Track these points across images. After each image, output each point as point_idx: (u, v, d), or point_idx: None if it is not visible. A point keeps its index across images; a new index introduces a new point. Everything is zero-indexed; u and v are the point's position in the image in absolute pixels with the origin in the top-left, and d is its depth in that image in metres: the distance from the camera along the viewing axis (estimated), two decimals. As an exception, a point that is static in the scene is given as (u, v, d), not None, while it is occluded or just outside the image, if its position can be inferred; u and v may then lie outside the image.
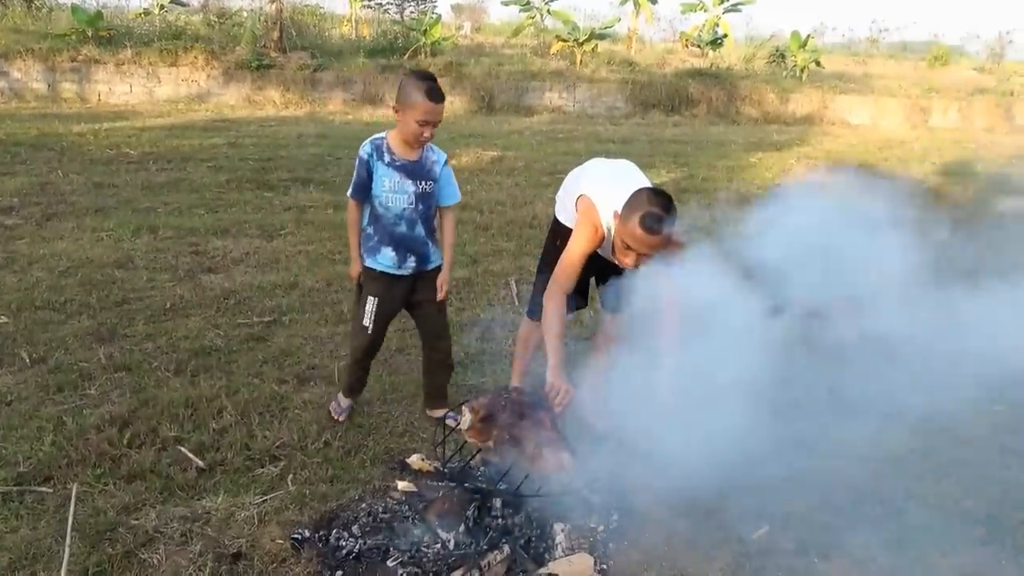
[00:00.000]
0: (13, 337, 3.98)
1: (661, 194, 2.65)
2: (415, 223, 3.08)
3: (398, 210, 3.04)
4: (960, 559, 2.58)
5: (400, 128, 2.97)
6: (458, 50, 17.19)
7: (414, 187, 3.03)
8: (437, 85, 2.89)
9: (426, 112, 2.86)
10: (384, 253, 3.08)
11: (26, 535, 2.50)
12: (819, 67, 17.14)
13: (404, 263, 3.10)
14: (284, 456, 3.05)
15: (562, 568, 2.41)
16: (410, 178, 3.02)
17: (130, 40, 14.04)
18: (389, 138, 3.03)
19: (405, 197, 3.03)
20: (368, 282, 3.14)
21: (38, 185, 7.09)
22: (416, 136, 2.92)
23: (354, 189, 3.06)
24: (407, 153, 3.02)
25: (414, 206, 3.05)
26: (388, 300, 3.16)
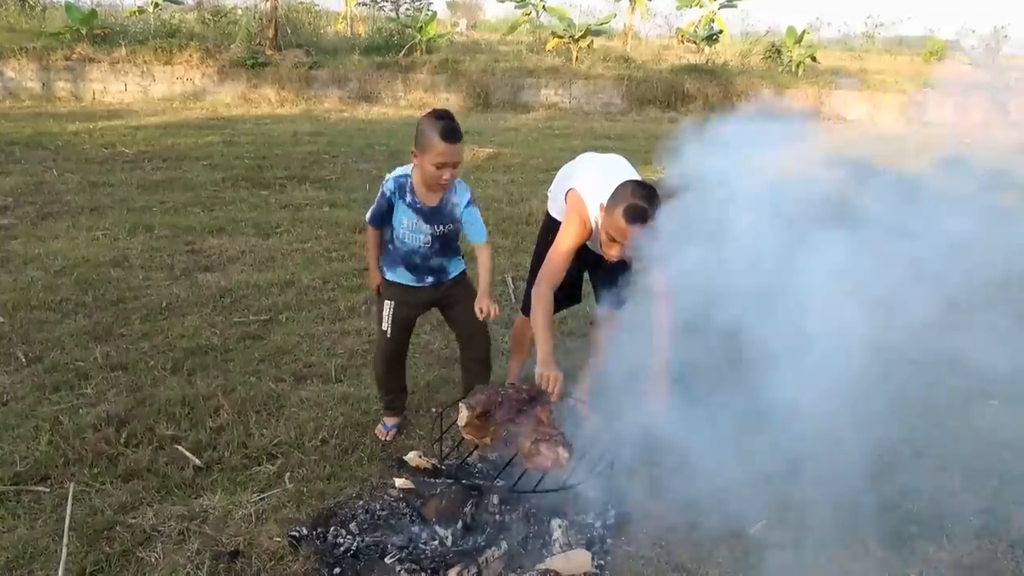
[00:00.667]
0: (9, 337, 3.97)
1: (645, 186, 2.67)
2: (430, 258, 3.03)
3: (414, 246, 2.99)
4: (956, 552, 2.59)
5: (420, 172, 2.85)
6: (454, 47, 17.17)
7: (431, 230, 2.96)
8: (454, 124, 2.76)
9: (442, 154, 2.73)
10: (401, 271, 3.05)
11: (23, 534, 2.50)
12: (815, 62, 17.14)
13: (422, 281, 3.07)
14: (281, 454, 3.05)
15: (560, 564, 2.42)
16: (428, 222, 2.94)
17: (124, 38, 14.00)
18: (414, 177, 2.91)
19: (421, 237, 2.97)
20: (385, 288, 3.11)
21: (33, 184, 7.07)
22: (436, 179, 2.80)
23: (372, 217, 3.00)
24: (428, 197, 2.92)
25: (430, 245, 3.00)
26: (406, 304, 3.11)
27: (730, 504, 2.75)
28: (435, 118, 2.76)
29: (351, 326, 4.33)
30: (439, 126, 2.72)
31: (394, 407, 3.29)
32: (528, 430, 2.51)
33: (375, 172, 8.38)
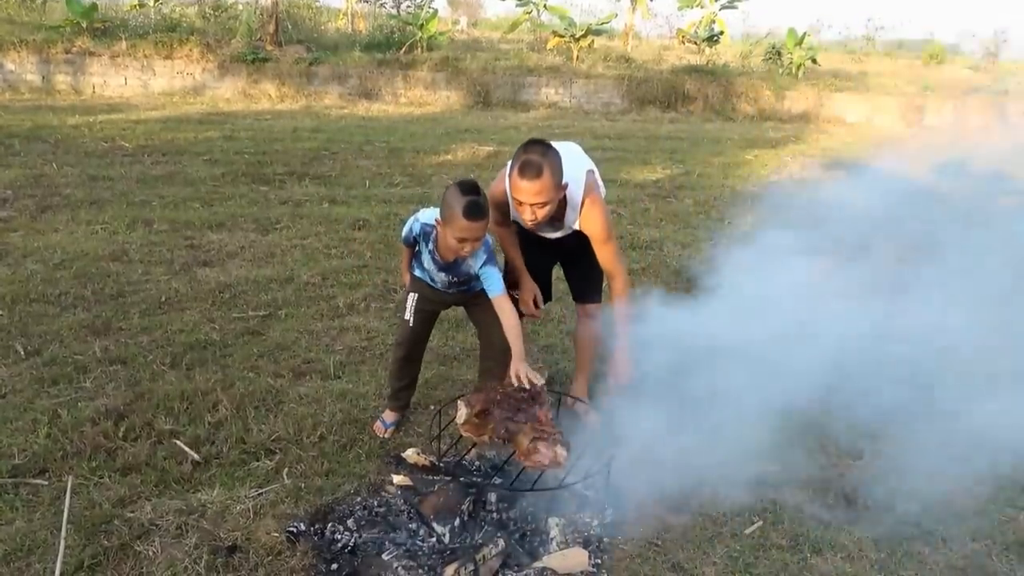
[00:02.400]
0: (8, 330, 3.97)
1: (539, 143, 2.72)
2: (453, 292, 3.09)
3: (436, 285, 3.05)
4: (950, 555, 2.61)
5: (442, 240, 2.82)
6: (454, 45, 17.17)
7: (448, 278, 3.01)
8: (479, 200, 2.65)
9: (464, 230, 2.66)
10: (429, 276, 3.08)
11: (21, 527, 2.50)
12: (815, 64, 17.15)
13: (448, 290, 3.08)
14: (279, 450, 3.06)
15: (557, 562, 2.43)
16: (447, 273, 2.99)
17: (125, 32, 13.96)
18: (439, 229, 2.84)
19: (439, 283, 3.04)
20: (412, 281, 3.13)
21: (32, 177, 7.06)
22: (456, 251, 2.79)
23: (404, 240, 3.03)
24: (446, 255, 2.92)
25: (448, 288, 3.05)
26: (430, 300, 3.11)
27: (727, 504, 2.76)
28: (461, 192, 2.65)
29: (350, 323, 4.34)
30: (464, 203, 2.62)
31: (399, 399, 3.29)
32: (527, 428, 2.52)
33: (375, 169, 8.38)
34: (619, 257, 3.08)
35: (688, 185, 8.43)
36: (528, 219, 2.77)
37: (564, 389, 3.51)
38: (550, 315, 4.48)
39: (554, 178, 2.68)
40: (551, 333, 4.33)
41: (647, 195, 7.81)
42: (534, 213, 2.73)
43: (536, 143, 2.71)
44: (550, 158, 2.67)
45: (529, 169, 2.63)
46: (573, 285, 3.41)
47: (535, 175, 2.63)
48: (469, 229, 2.66)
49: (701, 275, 4.04)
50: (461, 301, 3.19)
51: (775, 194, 7.70)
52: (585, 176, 2.92)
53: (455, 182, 2.73)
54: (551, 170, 2.65)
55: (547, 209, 2.74)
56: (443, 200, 2.71)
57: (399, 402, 3.30)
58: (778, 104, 15.45)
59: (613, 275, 3.07)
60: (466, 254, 2.79)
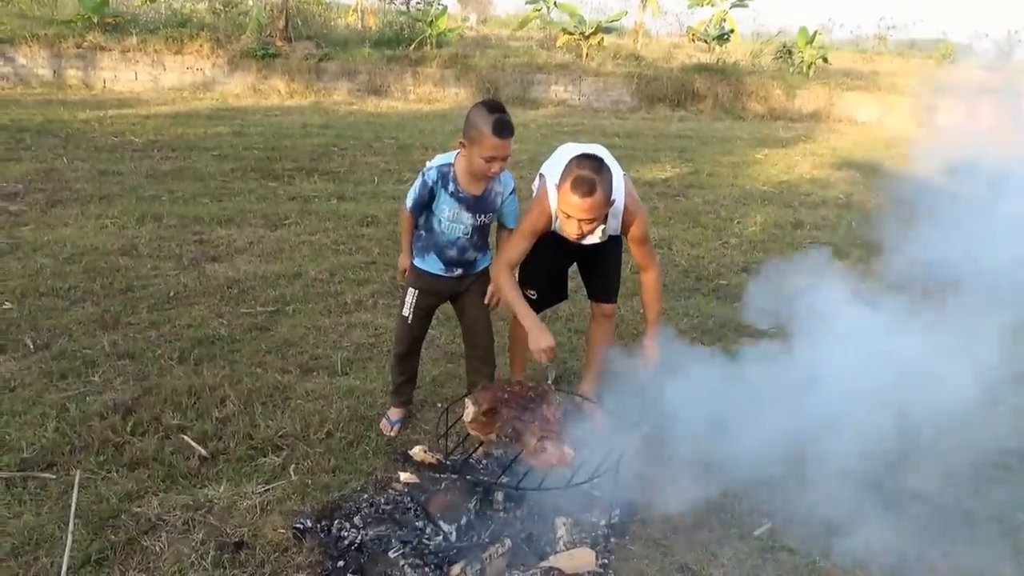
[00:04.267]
0: (17, 323, 3.98)
1: (591, 158, 2.68)
2: (467, 249, 3.02)
3: (453, 237, 2.97)
4: (961, 560, 2.58)
5: (468, 162, 2.80)
6: (464, 42, 17.13)
7: (473, 220, 2.94)
8: (507, 117, 2.70)
9: (494, 148, 2.68)
10: (431, 259, 3.03)
11: (29, 521, 2.51)
12: (826, 63, 17.04)
13: (450, 271, 3.06)
14: (286, 446, 3.06)
15: (563, 562, 2.42)
16: (470, 211, 2.92)
17: (135, 27, 13.99)
18: (456, 166, 2.86)
19: (462, 227, 2.95)
20: (411, 275, 3.10)
21: (43, 171, 7.09)
22: (484, 172, 2.77)
23: (413, 206, 2.94)
24: (472, 186, 2.88)
25: (469, 236, 2.98)
26: (429, 294, 3.11)
27: (734, 506, 2.75)
28: (488, 111, 2.69)
29: (357, 319, 4.33)
30: (491, 120, 2.65)
31: (401, 393, 3.28)
32: (534, 427, 2.51)
33: (383, 165, 8.38)
34: (654, 253, 3.13)
35: (697, 184, 8.39)
36: (574, 233, 2.75)
37: (572, 388, 3.49)
38: (558, 313, 4.47)
39: (605, 195, 2.66)
40: (559, 331, 4.32)
41: (656, 193, 7.78)
42: (580, 228, 2.71)
43: (589, 158, 2.67)
44: (603, 175, 2.64)
45: (582, 185, 2.60)
46: (591, 284, 3.38)
47: (588, 192, 2.61)
48: (499, 147, 2.68)
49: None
50: (457, 289, 3.14)
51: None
52: (624, 183, 2.92)
53: (478, 102, 2.76)
54: (603, 187, 2.64)
55: (594, 225, 2.73)
56: (468, 120, 2.72)
57: (401, 397, 3.29)
58: (788, 103, 15.36)
59: (647, 267, 3.09)
60: (494, 174, 2.79)
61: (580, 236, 2.76)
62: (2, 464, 2.81)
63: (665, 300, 4.86)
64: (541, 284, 3.29)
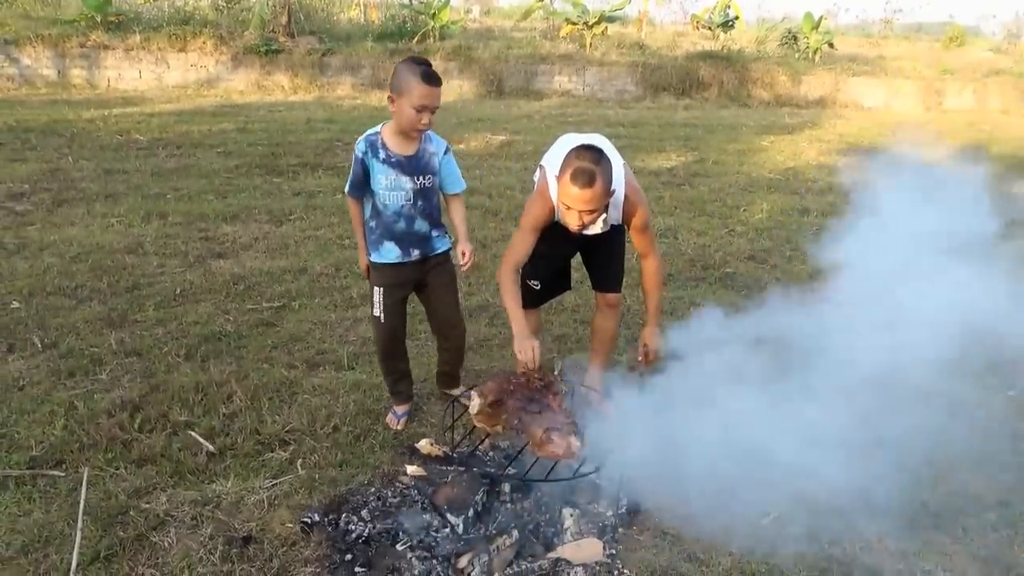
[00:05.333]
0: (25, 322, 4.00)
1: (590, 148, 2.67)
2: (414, 219, 2.97)
3: (396, 207, 2.92)
4: (972, 545, 2.57)
5: (396, 118, 2.81)
6: (467, 33, 17.07)
7: (411, 183, 2.91)
8: (432, 68, 2.76)
9: (423, 96, 2.71)
10: (387, 247, 2.99)
11: (39, 518, 2.52)
12: (832, 49, 16.92)
13: (407, 255, 3.02)
14: (294, 441, 3.06)
15: (571, 552, 2.42)
16: (407, 174, 2.89)
17: (139, 25, 14.00)
18: (384, 133, 2.89)
19: (403, 194, 2.91)
20: (373, 273, 3.07)
21: (48, 171, 7.11)
22: (413, 124, 2.76)
23: (351, 187, 2.95)
24: (403, 148, 2.89)
25: (412, 203, 2.94)
26: (396, 286, 3.08)
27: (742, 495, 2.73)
28: (414, 63, 2.75)
29: (363, 313, 4.33)
30: (419, 70, 2.71)
31: (399, 391, 3.27)
32: (540, 419, 2.51)
33: (388, 159, 8.36)
34: (655, 241, 3.13)
35: (703, 172, 8.35)
36: (575, 224, 2.74)
37: (578, 379, 3.49)
38: (563, 304, 4.46)
39: (605, 186, 2.66)
40: (565, 323, 4.31)
41: (661, 183, 7.74)
42: (581, 219, 2.71)
43: (588, 149, 2.66)
44: (603, 166, 2.64)
45: (582, 176, 2.60)
46: (595, 274, 3.37)
47: (587, 183, 2.60)
48: (428, 95, 2.72)
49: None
50: (420, 277, 3.11)
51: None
52: (624, 172, 2.90)
53: (403, 59, 2.82)
54: (603, 178, 2.63)
55: (595, 215, 2.73)
56: (395, 74, 2.77)
57: (401, 395, 3.29)
58: (794, 89, 15.26)
59: (647, 255, 3.08)
60: (424, 126, 2.79)
61: (581, 227, 2.75)
62: (12, 462, 2.82)
63: (671, 289, 4.85)
64: (544, 275, 3.29)
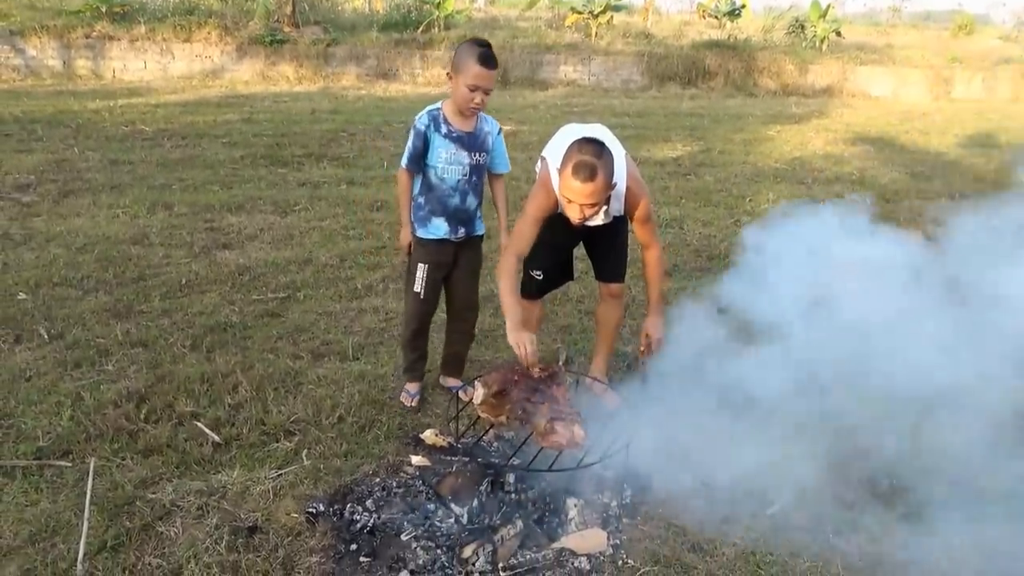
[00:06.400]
0: (31, 313, 4.02)
1: (592, 142, 2.66)
2: (467, 194, 3.08)
3: (453, 182, 3.03)
4: (977, 536, 2.56)
5: (453, 95, 2.95)
6: (472, 23, 17.02)
7: (469, 159, 3.02)
8: (492, 52, 2.86)
9: (477, 77, 2.83)
10: (436, 223, 3.08)
11: (46, 508, 2.54)
12: (839, 37, 16.81)
13: (455, 233, 3.11)
14: (299, 431, 3.07)
15: (575, 543, 2.42)
16: (466, 149, 3.01)
17: (144, 16, 14.01)
18: (444, 108, 3.01)
19: (460, 168, 3.02)
20: (417, 250, 3.14)
21: (54, 162, 7.13)
22: (467, 101, 2.88)
23: (409, 160, 3.03)
24: (462, 124, 3.00)
25: (467, 177, 3.05)
26: (438, 266, 3.16)
27: (746, 486, 2.73)
28: (475, 44, 2.86)
29: (368, 304, 4.34)
30: (477, 52, 2.82)
31: (417, 369, 3.35)
32: (544, 409, 2.51)
33: (393, 150, 8.36)
34: (656, 231, 3.12)
35: (709, 162, 8.31)
36: (577, 217, 2.74)
37: (583, 369, 3.49)
38: (568, 295, 4.46)
39: (607, 179, 2.65)
40: (570, 313, 4.31)
41: (667, 173, 7.72)
42: (583, 212, 2.70)
43: (590, 142, 2.65)
44: (604, 159, 2.63)
45: (583, 170, 2.59)
46: (598, 264, 3.36)
47: (588, 177, 2.59)
48: (482, 76, 2.84)
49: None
50: (457, 254, 3.18)
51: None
52: (625, 163, 2.89)
53: (467, 40, 2.95)
54: (604, 172, 2.62)
55: (596, 209, 2.73)
56: (456, 54, 2.91)
57: (417, 373, 3.36)
58: (801, 79, 15.18)
59: (649, 246, 3.08)
60: (476, 105, 2.89)
61: (583, 219, 2.75)
62: (19, 452, 2.84)
63: (676, 280, 4.83)
64: (547, 266, 3.28)
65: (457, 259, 3.20)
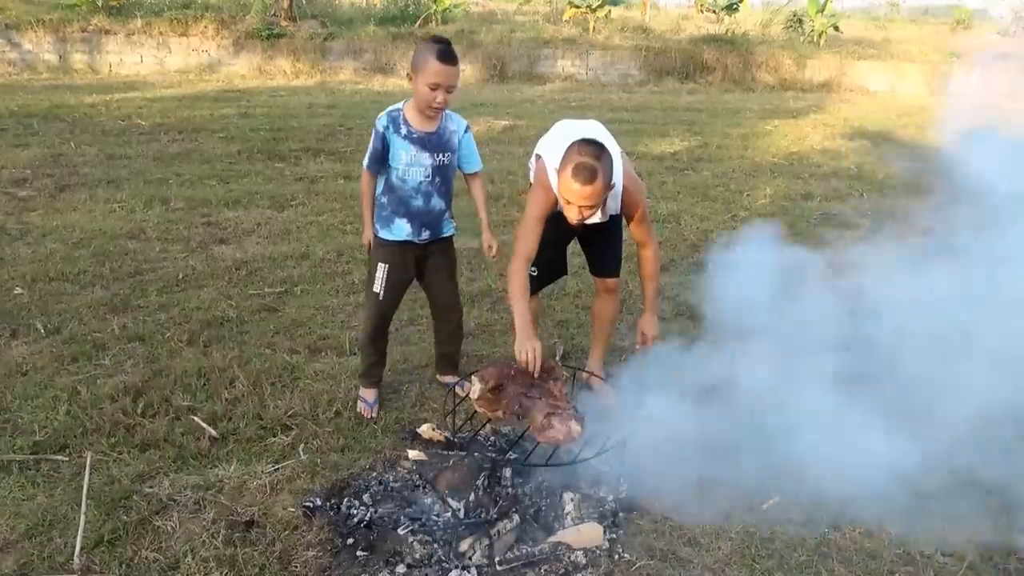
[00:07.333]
0: (28, 308, 4.01)
1: (591, 143, 2.65)
2: (431, 196, 2.99)
3: (415, 183, 2.95)
4: (972, 531, 2.57)
5: (414, 96, 2.86)
6: (469, 17, 16.97)
7: (431, 160, 2.93)
8: (450, 48, 2.76)
9: (437, 74, 2.73)
10: (398, 224, 3.00)
11: (43, 502, 2.54)
12: (837, 32, 16.78)
13: (419, 235, 3.03)
14: (296, 425, 3.07)
15: (571, 537, 2.42)
16: (427, 151, 2.92)
17: (140, 10, 13.95)
18: (406, 109, 2.92)
19: (422, 170, 2.93)
20: (378, 250, 3.07)
21: (51, 157, 7.11)
22: (428, 101, 2.79)
23: (370, 161, 2.96)
24: (424, 124, 2.91)
25: (430, 179, 2.96)
26: (399, 266, 3.08)
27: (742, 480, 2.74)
28: (433, 42, 2.76)
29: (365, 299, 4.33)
30: (435, 48, 2.72)
31: (374, 374, 3.25)
32: (541, 404, 2.51)
33: (390, 144, 8.34)
34: (652, 230, 3.12)
35: (706, 157, 8.31)
36: (575, 218, 2.73)
37: (579, 364, 3.49)
38: (565, 290, 4.46)
39: (606, 181, 2.64)
40: (566, 308, 4.31)
41: (664, 168, 7.71)
42: (581, 213, 2.70)
43: (589, 143, 2.64)
44: (603, 161, 2.62)
45: (583, 172, 2.58)
46: (593, 259, 3.36)
47: (588, 179, 2.58)
48: (442, 73, 2.74)
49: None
50: (424, 257, 3.11)
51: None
52: (622, 163, 2.89)
53: (425, 38, 2.85)
54: (604, 174, 2.61)
55: (594, 210, 2.72)
56: (414, 55, 2.80)
57: (373, 378, 3.26)
58: (799, 73, 15.15)
59: (645, 244, 3.08)
60: (439, 104, 2.80)
61: (581, 220, 2.74)
62: (15, 447, 2.84)
63: (674, 275, 4.83)
64: (542, 261, 3.28)
65: (428, 262, 3.13)
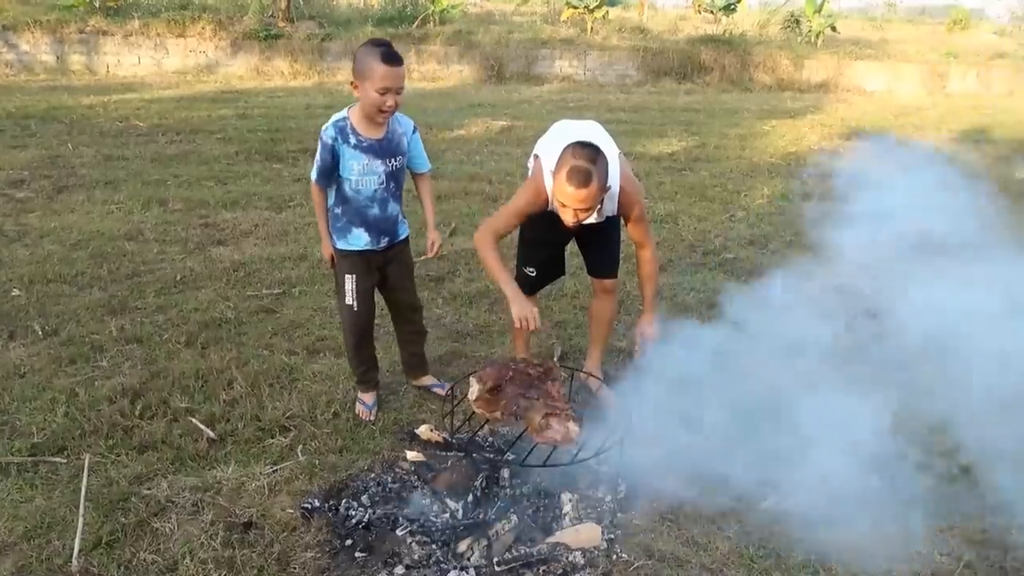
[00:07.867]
0: (26, 310, 4.01)
1: (587, 146, 2.65)
2: (387, 202, 2.94)
3: (370, 192, 2.88)
4: (969, 529, 2.58)
5: (361, 103, 2.77)
6: (467, 18, 16.96)
7: (384, 167, 2.87)
8: (393, 49, 2.71)
9: (385, 77, 2.65)
10: (356, 234, 2.95)
11: (41, 504, 2.54)
12: (835, 32, 16.80)
13: (378, 243, 2.99)
14: (294, 427, 3.07)
15: (570, 537, 2.43)
16: (379, 158, 2.85)
17: (137, 11, 13.94)
18: (352, 117, 2.82)
19: (376, 178, 2.87)
20: (341, 262, 3.01)
21: (48, 158, 7.10)
22: (377, 107, 2.71)
23: (319, 175, 2.86)
24: (372, 131, 2.83)
25: (385, 185, 2.90)
26: (365, 273, 3.03)
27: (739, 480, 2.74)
28: (373, 44, 2.71)
29: (363, 300, 4.33)
30: (379, 51, 2.67)
31: (369, 379, 3.24)
32: (539, 404, 2.52)
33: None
34: (650, 230, 3.13)
35: (704, 157, 8.31)
36: (571, 220, 2.73)
37: (577, 365, 3.49)
38: (563, 291, 4.46)
39: (601, 184, 2.65)
40: (564, 308, 4.31)
41: (662, 168, 7.72)
42: (576, 216, 2.70)
43: (585, 146, 2.64)
44: (599, 165, 2.62)
45: (578, 176, 2.58)
46: (590, 259, 3.36)
47: (583, 183, 2.58)
48: (390, 75, 2.67)
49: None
50: (384, 261, 3.07)
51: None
52: (619, 164, 2.89)
53: (363, 43, 2.78)
54: (599, 177, 2.62)
55: (590, 212, 2.72)
56: (356, 60, 2.73)
57: (371, 383, 3.26)
58: (796, 74, 15.17)
59: (643, 245, 3.08)
60: (389, 108, 2.73)
61: (577, 223, 2.74)
62: (13, 449, 2.84)
63: (672, 275, 4.84)
64: (539, 262, 3.28)
65: (389, 268, 3.10)
